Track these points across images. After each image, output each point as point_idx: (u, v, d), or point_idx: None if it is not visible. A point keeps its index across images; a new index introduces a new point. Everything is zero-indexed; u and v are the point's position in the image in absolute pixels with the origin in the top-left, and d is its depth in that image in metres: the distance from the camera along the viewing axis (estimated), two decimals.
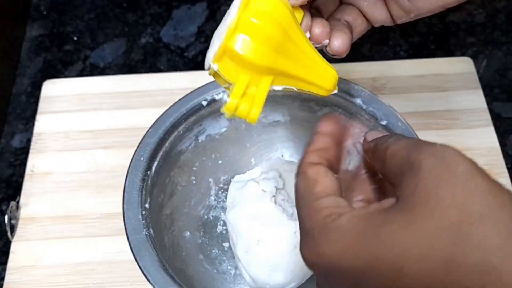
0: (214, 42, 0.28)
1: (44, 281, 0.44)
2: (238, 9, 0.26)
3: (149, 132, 0.42)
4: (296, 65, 0.28)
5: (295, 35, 0.27)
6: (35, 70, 0.59)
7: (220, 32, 0.27)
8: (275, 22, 0.26)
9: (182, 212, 0.45)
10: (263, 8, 0.26)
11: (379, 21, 0.34)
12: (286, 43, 0.27)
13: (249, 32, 0.26)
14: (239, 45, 0.26)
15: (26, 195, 0.48)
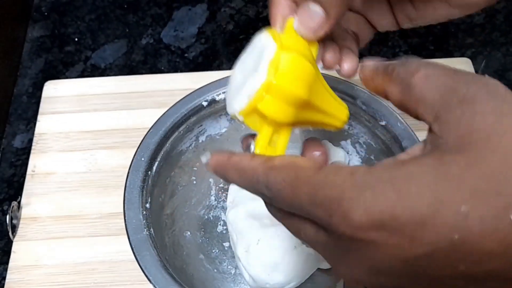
0: (238, 89, 0.28)
1: (45, 280, 0.44)
2: (268, 70, 0.26)
3: (149, 132, 0.42)
4: (317, 112, 0.28)
5: (316, 84, 0.28)
6: (36, 70, 0.59)
7: (246, 83, 0.27)
8: (303, 82, 0.26)
9: (183, 212, 0.45)
10: (292, 69, 0.26)
11: (385, 28, 0.35)
12: (310, 97, 0.27)
13: (278, 95, 0.26)
14: (268, 107, 0.26)
15: (27, 195, 0.49)
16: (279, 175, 0.23)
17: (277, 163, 0.24)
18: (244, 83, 0.27)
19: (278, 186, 0.23)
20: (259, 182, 0.24)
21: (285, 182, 0.23)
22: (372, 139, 0.43)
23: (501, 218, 0.19)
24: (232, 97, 0.28)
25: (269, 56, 0.26)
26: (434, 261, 0.20)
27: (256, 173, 0.24)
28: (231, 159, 0.25)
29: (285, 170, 0.23)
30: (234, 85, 0.28)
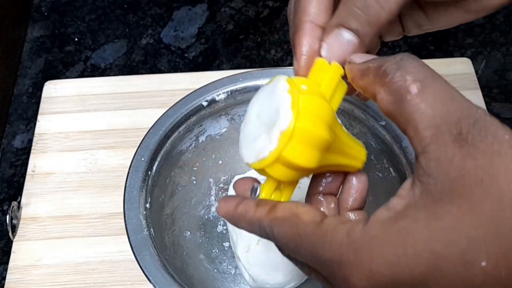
0: (255, 137, 0.26)
1: (45, 280, 0.44)
2: (292, 116, 0.24)
3: (149, 132, 0.42)
4: (338, 154, 0.27)
5: (336, 127, 0.27)
6: (36, 70, 0.60)
7: (265, 132, 0.26)
8: (326, 124, 0.25)
9: (183, 212, 0.45)
10: (315, 112, 0.25)
11: (392, 37, 0.33)
12: (333, 139, 0.26)
13: (303, 140, 0.25)
14: (293, 154, 0.25)
15: (27, 195, 0.49)
16: (282, 229, 0.24)
17: (280, 215, 0.24)
18: (261, 132, 0.26)
19: (283, 240, 0.24)
20: (267, 233, 0.24)
21: (288, 237, 0.23)
22: (372, 139, 0.43)
23: (501, 265, 0.19)
24: (249, 146, 0.26)
25: (288, 103, 0.25)
26: None
27: (262, 225, 0.24)
28: (238, 210, 0.26)
29: (287, 224, 0.23)
30: (249, 133, 0.27)
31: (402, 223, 0.20)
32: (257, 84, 0.44)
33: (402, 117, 0.22)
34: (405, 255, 0.20)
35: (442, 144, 0.21)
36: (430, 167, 0.21)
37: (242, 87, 0.44)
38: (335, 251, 0.21)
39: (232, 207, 0.26)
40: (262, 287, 0.42)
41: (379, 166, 0.43)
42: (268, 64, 0.60)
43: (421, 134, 0.21)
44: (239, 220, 0.26)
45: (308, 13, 0.27)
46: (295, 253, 0.23)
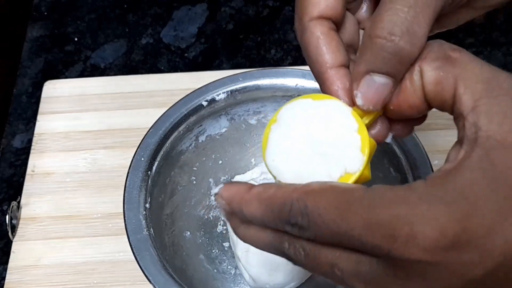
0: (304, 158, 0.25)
1: (45, 280, 0.44)
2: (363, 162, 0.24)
3: (149, 132, 0.42)
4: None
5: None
6: (36, 70, 0.59)
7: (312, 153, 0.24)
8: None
9: (183, 212, 0.45)
10: (371, 156, 0.25)
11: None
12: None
13: (358, 182, 0.25)
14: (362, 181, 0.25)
15: (27, 195, 0.49)
16: (321, 198, 0.21)
17: (316, 187, 0.21)
18: (313, 156, 0.24)
19: (320, 211, 0.20)
20: (292, 209, 0.21)
21: (330, 206, 0.20)
22: None
23: None
24: (290, 161, 0.24)
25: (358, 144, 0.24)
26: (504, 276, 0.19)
27: (288, 200, 0.21)
28: (253, 190, 0.23)
29: (329, 193, 0.21)
30: (291, 148, 0.25)
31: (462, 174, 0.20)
32: (257, 84, 0.44)
33: (450, 79, 0.22)
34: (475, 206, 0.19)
35: (494, 96, 0.21)
36: (480, 120, 0.21)
37: (242, 87, 0.44)
38: (399, 205, 0.19)
39: (243, 188, 0.23)
40: (262, 287, 0.42)
41: (380, 166, 0.43)
42: (268, 63, 0.60)
43: (472, 88, 0.21)
44: (251, 201, 0.22)
45: (325, 62, 0.25)
46: (334, 224, 0.20)
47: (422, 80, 0.23)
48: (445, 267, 0.19)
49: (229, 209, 0.24)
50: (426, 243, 0.19)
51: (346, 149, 0.24)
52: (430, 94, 0.23)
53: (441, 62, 0.23)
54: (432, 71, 0.23)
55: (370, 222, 0.20)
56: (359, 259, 0.21)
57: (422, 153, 0.40)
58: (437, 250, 0.19)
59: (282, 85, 0.44)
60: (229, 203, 0.23)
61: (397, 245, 0.19)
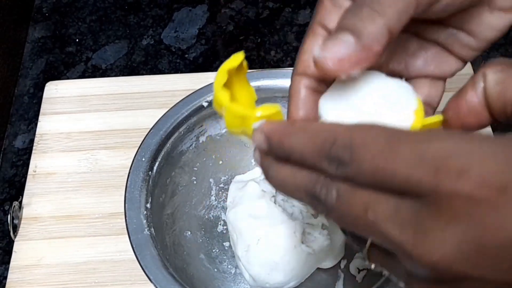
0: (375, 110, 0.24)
1: (47, 280, 0.45)
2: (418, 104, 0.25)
3: (150, 132, 0.42)
4: None
5: None
6: (37, 71, 0.60)
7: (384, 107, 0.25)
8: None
9: (183, 212, 0.45)
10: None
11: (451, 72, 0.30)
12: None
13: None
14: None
15: (28, 195, 0.49)
16: (369, 132, 0.20)
17: (363, 124, 0.20)
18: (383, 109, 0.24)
19: (367, 144, 0.19)
20: (336, 142, 0.20)
21: (378, 139, 0.19)
22: None
23: None
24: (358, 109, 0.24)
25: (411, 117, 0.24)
26: None
27: (334, 133, 0.20)
28: (297, 123, 0.22)
29: (377, 129, 0.20)
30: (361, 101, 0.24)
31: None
32: (257, 85, 0.45)
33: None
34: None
35: None
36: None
37: None
38: (452, 142, 0.18)
39: (287, 122, 0.22)
40: (262, 286, 0.42)
41: None
42: (268, 65, 0.60)
43: None
44: (295, 133, 0.21)
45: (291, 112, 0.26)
46: (381, 158, 0.19)
47: (485, 82, 0.23)
48: (499, 209, 0.17)
49: (267, 145, 0.22)
50: (481, 179, 0.17)
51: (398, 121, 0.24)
52: (492, 95, 0.23)
53: (504, 66, 0.23)
54: (495, 73, 0.23)
55: (421, 153, 0.18)
56: (399, 201, 0.19)
57: None
58: (493, 188, 0.17)
59: (282, 86, 0.44)
60: (270, 136, 0.22)
61: (447, 179, 0.18)
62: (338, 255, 0.44)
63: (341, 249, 0.44)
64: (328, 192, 0.21)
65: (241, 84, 0.27)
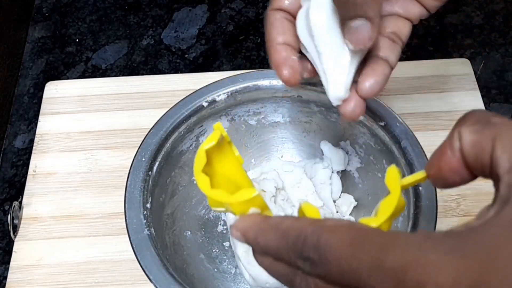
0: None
1: (47, 280, 0.45)
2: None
3: (150, 132, 0.42)
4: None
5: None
6: (37, 71, 0.60)
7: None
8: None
9: (183, 212, 0.45)
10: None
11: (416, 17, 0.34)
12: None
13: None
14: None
15: (28, 195, 0.49)
16: (334, 235, 0.21)
17: (331, 224, 0.21)
18: None
19: (333, 246, 0.20)
20: (306, 242, 0.21)
21: (343, 242, 0.20)
22: (371, 140, 0.43)
23: None
24: None
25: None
26: None
27: (303, 232, 0.21)
28: (269, 220, 0.23)
29: (343, 230, 0.21)
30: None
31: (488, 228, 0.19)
32: (257, 85, 0.45)
33: (488, 141, 0.22)
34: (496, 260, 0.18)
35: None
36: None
37: (242, 88, 0.44)
38: (413, 249, 0.19)
39: (259, 218, 0.23)
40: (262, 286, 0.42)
41: (378, 166, 0.44)
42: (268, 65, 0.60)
43: (510, 149, 0.21)
44: (267, 231, 0.23)
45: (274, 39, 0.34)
46: (345, 261, 0.20)
47: (461, 142, 0.23)
48: None
49: (245, 241, 0.24)
50: None
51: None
52: (469, 156, 0.23)
53: (480, 125, 0.22)
54: (470, 133, 0.23)
55: (381, 263, 0.19)
56: None
57: (421, 154, 0.40)
58: None
59: (282, 86, 0.44)
60: (246, 234, 0.23)
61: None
62: None
63: None
64: (307, 285, 0.22)
65: (225, 153, 0.28)
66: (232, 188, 0.27)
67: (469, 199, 0.47)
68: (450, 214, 0.46)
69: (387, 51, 0.32)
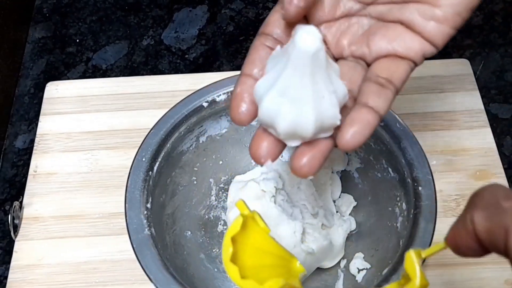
0: None
1: (47, 280, 0.45)
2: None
3: (150, 133, 0.43)
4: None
5: None
6: (37, 71, 0.60)
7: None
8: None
9: (183, 212, 0.45)
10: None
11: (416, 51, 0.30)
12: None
13: None
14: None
15: (29, 195, 0.49)
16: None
17: None
18: None
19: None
20: None
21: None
22: (371, 140, 0.44)
23: None
24: None
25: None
26: None
27: None
28: None
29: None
30: None
31: None
32: None
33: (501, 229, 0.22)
34: None
35: None
36: None
37: None
38: None
39: None
40: None
41: (378, 166, 0.44)
42: None
43: None
44: None
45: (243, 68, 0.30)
46: None
47: (474, 227, 0.24)
48: None
49: None
50: None
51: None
52: (485, 242, 0.23)
53: (492, 211, 0.23)
54: (483, 221, 0.23)
55: None
56: None
57: (421, 154, 0.41)
58: None
59: None
60: None
61: None
62: (338, 255, 0.44)
63: (341, 249, 0.44)
64: None
65: (250, 225, 0.28)
66: (261, 256, 0.28)
67: None
68: (449, 214, 0.47)
69: (372, 97, 0.28)
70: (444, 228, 0.26)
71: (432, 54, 0.30)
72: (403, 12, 0.29)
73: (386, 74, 0.29)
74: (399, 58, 0.30)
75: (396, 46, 0.29)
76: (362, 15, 0.31)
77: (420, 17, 0.29)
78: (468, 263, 0.44)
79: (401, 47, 0.29)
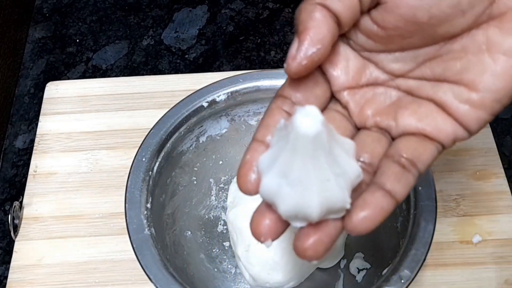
0: None
1: (47, 280, 0.45)
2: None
3: (150, 133, 0.43)
4: None
5: None
6: (37, 71, 0.60)
7: None
8: None
9: (183, 212, 0.45)
10: None
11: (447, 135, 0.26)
12: None
13: None
14: None
15: (29, 195, 0.49)
16: None
17: None
18: None
19: None
20: None
21: None
22: None
23: None
24: None
25: None
26: None
27: None
28: None
29: None
30: None
31: None
32: (257, 85, 0.45)
33: None
34: None
35: None
36: None
37: (242, 88, 0.45)
38: None
39: None
40: (262, 286, 0.42)
41: None
42: (268, 65, 0.60)
43: None
44: None
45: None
46: None
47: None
48: None
49: None
50: None
51: None
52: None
53: None
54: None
55: None
56: None
57: None
58: None
59: None
60: None
61: None
62: (338, 255, 0.44)
63: (341, 249, 0.44)
64: None
65: None
66: None
67: (469, 199, 0.47)
68: (449, 214, 0.47)
69: (391, 180, 0.25)
70: (444, 228, 0.25)
71: (463, 139, 0.26)
72: (436, 91, 0.26)
73: (411, 155, 0.26)
74: (428, 139, 0.26)
75: (426, 125, 0.26)
76: (390, 86, 0.28)
77: (454, 99, 0.26)
78: (468, 263, 0.44)
79: (432, 127, 0.26)
